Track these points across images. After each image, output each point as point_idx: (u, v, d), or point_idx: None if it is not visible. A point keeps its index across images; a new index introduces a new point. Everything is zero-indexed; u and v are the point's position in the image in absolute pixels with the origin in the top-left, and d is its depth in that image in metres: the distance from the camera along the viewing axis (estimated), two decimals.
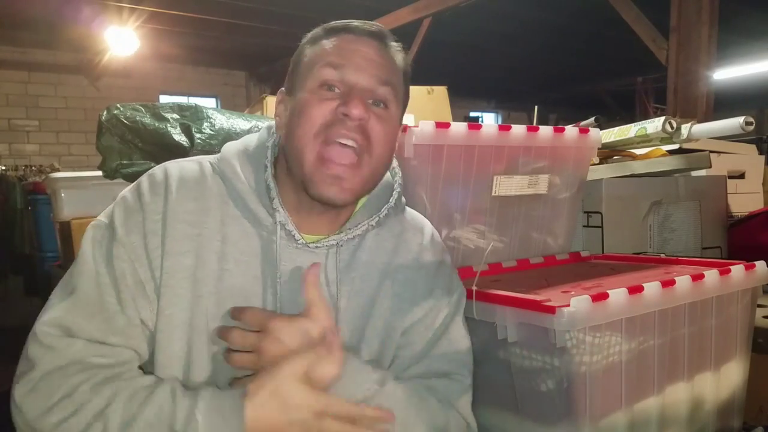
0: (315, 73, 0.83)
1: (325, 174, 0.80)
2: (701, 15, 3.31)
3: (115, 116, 1.62)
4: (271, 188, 0.84)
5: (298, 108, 0.83)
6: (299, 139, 0.81)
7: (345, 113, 0.80)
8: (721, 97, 3.81)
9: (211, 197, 0.84)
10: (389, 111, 0.85)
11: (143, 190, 0.83)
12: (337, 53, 0.83)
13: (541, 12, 5.92)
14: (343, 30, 0.86)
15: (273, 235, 0.85)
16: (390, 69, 0.86)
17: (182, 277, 0.80)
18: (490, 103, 11.61)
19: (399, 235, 0.95)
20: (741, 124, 1.63)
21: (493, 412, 1.06)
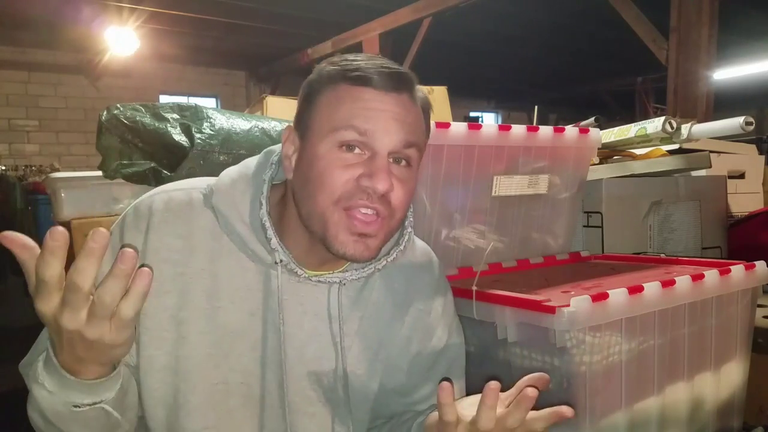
0: (335, 134, 0.76)
1: (351, 234, 0.76)
2: (701, 15, 3.31)
3: (115, 116, 1.62)
4: (266, 228, 0.80)
5: (316, 169, 0.76)
6: (319, 205, 0.76)
7: (369, 186, 0.75)
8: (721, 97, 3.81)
9: (198, 232, 0.81)
10: (411, 169, 0.80)
11: (126, 225, 0.80)
12: (360, 115, 0.75)
13: (541, 12, 5.92)
14: (366, 82, 0.76)
15: (272, 269, 0.82)
16: (416, 128, 0.80)
17: (163, 318, 0.78)
18: (490, 103, 11.61)
19: (409, 277, 0.92)
20: (741, 124, 1.63)
21: None
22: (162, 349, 0.78)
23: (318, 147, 0.77)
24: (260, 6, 5.77)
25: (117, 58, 6.74)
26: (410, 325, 0.91)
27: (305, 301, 0.84)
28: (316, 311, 0.84)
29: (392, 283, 0.90)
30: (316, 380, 0.85)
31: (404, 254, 0.90)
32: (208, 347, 0.79)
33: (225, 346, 0.80)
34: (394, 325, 0.89)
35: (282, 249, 0.80)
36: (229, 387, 0.81)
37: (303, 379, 0.84)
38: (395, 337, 0.90)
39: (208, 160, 1.49)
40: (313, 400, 0.85)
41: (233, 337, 0.80)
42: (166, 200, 0.81)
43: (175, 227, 0.80)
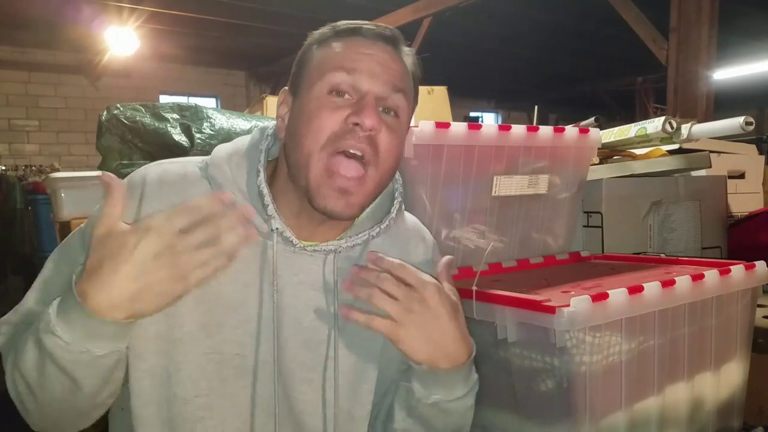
0: (324, 77, 0.78)
1: (332, 187, 0.77)
2: (701, 15, 3.31)
3: (115, 116, 1.62)
4: (264, 194, 0.81)
5: (306, 114, 0.79)
6: (305, 149, 0.78)
7: (357, 123, 0.76)
8: (721, 97, 3.81)
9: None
10: (399, 120, 0.82)
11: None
12: (349, 57, 0.79)
13: (541, 12, 5.92)
14: (355, 32, 0.81)
15: (268, 240, 0.82)
16: (403, 75, 0.82)
17: None
18: (490, 103, 11.61)
19: (403, 247, 0.93)
20: (741, 124, 1.63)
21: (493, 412, 1.06)
22: (154, 316, 0.76)
23: (309, 94, 0.79)
24: (260, 6, 5.77)
25: (117, 58, 6.75)
26: None
27: (300, 272, 0.84)
28: (312, 281, 0.85)
29: (385, 253, 0.90)
30: (313, 348, 0.85)
31: (397, 224, 0.92)
32: (202, 317, 0.79)
33: (219, 317, 0.80)
34: None
35: (278, 216, 0.81)
36: (223, 357, 0.81)
37: (299, 347, 0.85)
38: None
39: None
40: (309, 366, 0.86)
41: (227, 309, 0.80)
42: (161, 172, 0.82)
43: (168, 197, 0.79)
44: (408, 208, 1.00)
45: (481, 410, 1.09)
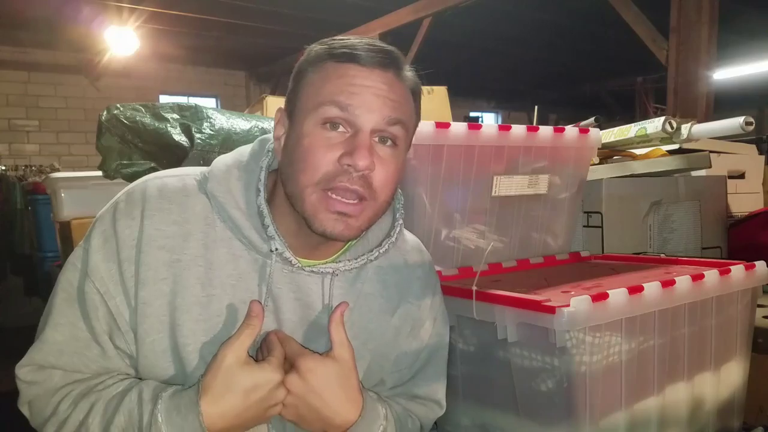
0: (318, 110, 0.76)
1: (330, 211, 0.76)
2: (701, 15, 3.31)
3: (115, 116, 1.62)
4: (264, 215, 0.79)
5: (300, 148, 0.77)
6: (300, 183, 0.77)
7: (349, 164, 0.74)
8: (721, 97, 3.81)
9: (193, 219, 0.80)
10: (397, 149, 0.79)
11: (118, 213, 0.80)
12: (344, 90, 0.75)
13: (541, 12, 5.93)
14: (351, 59, 0.76)
15: (267, 259, 0.82)
16: (401, 104, 0.79)
17: (160, 305, 0.78)
18: (490, 103, 11.62)
19: (401, 269, 0.93)
20: (741, 124, 1.63)
21: (493, 412, 1.06)
22: (163, 332, 0.78)
23: (303, 125, 0.77)
24: (260, 6, 5.77)
25: (117, 58, 6.75)
26: (400, 317, 0.92)
27: (298, 290, 0.84)
28: (309, 301, 0.85)
29: (384, 276, 0.91)
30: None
31: (396, 246, 0.91)
32: (203, 335, 0.79)
33: (220, 335, 0.80)
34: (383, 317, 0.90)
35: (278, 237, 0.80)
36: None
37: None
38: (384, 329, 0.91)
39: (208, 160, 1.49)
40: None
41: (227, 326, 0.80)
42: (160, 186, 0.81)
43: (170, 214, 0.79)
44: (408, 208, 1.00)
45: (481, 410, 1.09)
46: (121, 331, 0.78)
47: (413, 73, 0.83)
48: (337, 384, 0.78)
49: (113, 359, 0.79)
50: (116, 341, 0.79)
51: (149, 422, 0.71)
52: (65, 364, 0.78)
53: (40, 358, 0.78)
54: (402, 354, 0.93)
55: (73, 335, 0.78)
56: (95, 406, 0.74)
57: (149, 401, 0.73)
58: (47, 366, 0.78)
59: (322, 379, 0.77)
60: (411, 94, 0.82)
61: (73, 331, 0.78)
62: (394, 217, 0.91)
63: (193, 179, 0.84)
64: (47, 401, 0.77)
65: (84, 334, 0.78)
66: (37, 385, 0.78)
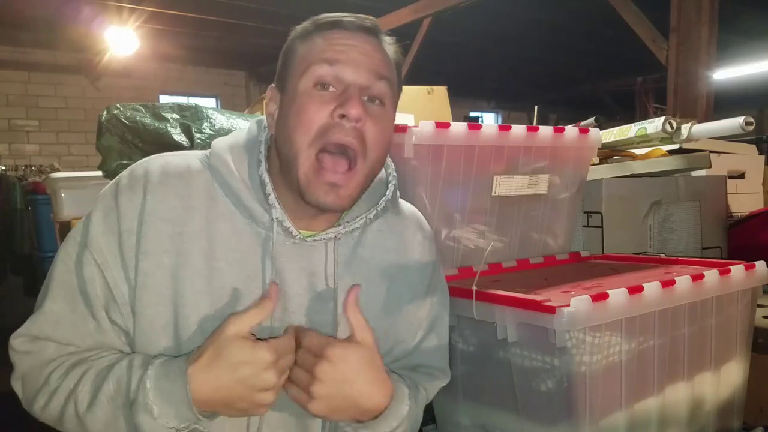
0: (308, 70, 0.80)
1: (321, 182, 0.79)
2: (701, 15, 3.31)
3: (115, 116, 1.62)
4: (266, 184, 0.82)
5: (294, 109, 0.80)
6: (295, 145, 0.79)
7: (343, 114, 0.77)
8: (721, 97, 3.81)
9: (196, 194, 0.82)
10: (385, 108, 0.83)
11: (121, 188, 0.82)
12: (331, 49, 0.80)
13: (541, 12, 5.92)
14: (336, 25, 0.82)
15: (269, 232, 0.83)
16: (385, 63, 0.83)
17: (162, 277, 0.79)
18: (490, 103, 11.61)
19: (401, 233, 0.95)
20: (741, 124, 1.63)
21: (493, 412, 1.06)
22: (163, 305, 0.79)
23: (295, 89, 0.80)
24: (260, 6, 5.77)
25: (117, 58, 6.75)
26: (401, 283, 0.93)
27: (302, 261, 0.85)
28: (313, 269, 0.86)
29: (384, 241, 0.92)
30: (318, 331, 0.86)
31: (394, 210, 0.94)
32: (207, 308, 0.80)
33: (224, 308, 0.80)
34: (384, 281, 0.91)
35: (279, 206, 0.82)
36: None
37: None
38: (385, 294, 0.92)
39: None
40: None
41: (231, 299, 0.81)
42: (163, 162, 0.84)
43: (172, 187, 0.81)
44: None
45: (481, 410, 1.09)
46: (117, 303, 0.79)
47: (394, 45, 0.87)
48: (367, 368, 0.78)
49: (108, 334, 0.80)
50: (112, 315, 0.80)
51: (137, 387, 0.72)
52: (60, 337, 0.79)
53: (36, 328, 0.79)
54: (406, 324, 0.94)
55: (70, 308, 0.79)
56: (86, 375, 0.75)
57: (139, 367, 0.73)
58: (42, 337, 0.79)
59: (353, 364, 0.77)
60: (393, 63, 0.86)
61: (70, 304, 0.79)
62: (387, 179, 0.94)
63: (196, 158, 0.86)
64: (39, 372, 0.78)
65: (81, 307, 0.79)
66: (30, 355, 0.79)
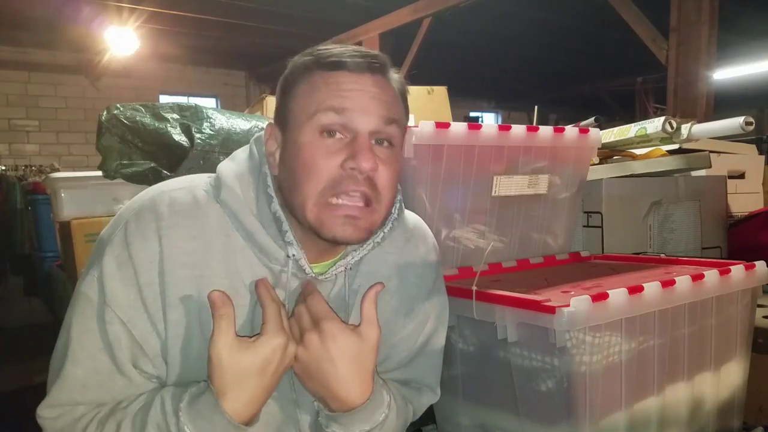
0: (314, 118, 0.76)
1: (336, 216, 0.76)
2: (701, 15, 3.31)
3: (115, 116, 1.62)
4: (282, 221, 0.79)
5: (300, 159, 0.76)
6: (302, 194, 0.76)
7: (353, 167, 0.74)
8: (721, 97, 3.81)
9: (210, 231, 0.78)
10: (394, 149, 0.80)
11: (131, 237, 0.76)
12: (337, 95, 0.75)
13: (541, 12, 5.92)
14: (340, 66, 0.77)
15: (283, 267, 0.81)
16: (394, 105, 0.80)
17: (190, 323, 0.77)
18: (490, 103, 11.61)
19: (402, 247, 0.94)
20: (741, 124, 1.63)
21: (493, 412, 1.06)
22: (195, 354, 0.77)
23: (299, 136, 0.77)
24: (260, 6, 5.77)
25: (117, 58, 6.75)
26: (398, 297, 0.92)
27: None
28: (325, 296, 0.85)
29: (385, 255, 0.91)
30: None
31: (399, 224, 0.91)
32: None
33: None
34: (384, 296, 0.90)
35: (296, 243, 0.79)
36: None
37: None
38: (388, 306, 0.91)
39: (208, 160, 1.49)
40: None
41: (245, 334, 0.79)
42: (170, 202, 0.78)
43: (187, 229, 0.77)
44: (408, 208, 1.00)
45: (481, 410, 1.09)
46: (148, 357, 0.77)
47: (399, 75, 0.83)
48: (354, 359, 0.77)
49: (140, 386, 0.77)
50: (144, 367, 0.77)
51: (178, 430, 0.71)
52: (91, 399, 0.76)
53: (65, 397, 0.76)
54: (401, 338, 0.94)
55: (95, 368, 0.76)
56: (122, 424, 0.73)
57: (172, 415, 0.72)
58: (70, 404, 0.76)
59: (341, 348, 0.76)
60: (401, 95, 0.83)
61: (95, 365, 0.76)
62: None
63: (202, 190, 0.81)
64: (72, 428, 0.75)
65: (107, 366, 0.76)
66: (62, 417, 0.76)
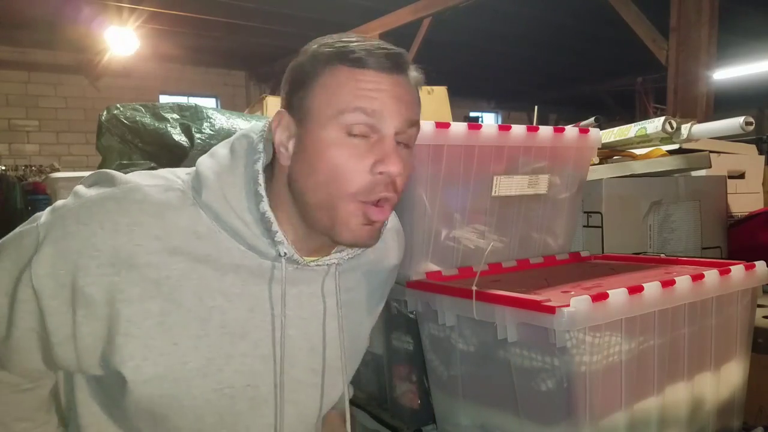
0: (341, 117, 0.73)
1: (363, 224, 0.76)
2: (701, 15, 3.31)
3: (115, 116, 1.62)
4: (271, 222, 0.77)
5: (326, 158, 0.74)
6: (330, 195, 0.75)
7: (382, 171, 0.74)
8: (721, 97, 3.81)
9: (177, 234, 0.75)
10: (411, 151, 0.80)
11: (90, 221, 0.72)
12: (365, 95, 0.74)
13: (541, 12, 5.92)
14: (365, 63, 0.74)
15: (274, 262, 0.80)
16: (416, 105, 0.79)
17: (149, 326, 0.73)
18: (490, 103, 11.61)
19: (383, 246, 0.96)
20: (741, 124, 1.62)
21: (493, 412, 1.06)
22: (149, 358, 0.74)
23: (322, 133, 0.74)
24: (260, 6, 5.77)
25: (117, 58, 6.75)
26: (382, 283, 0.98)
27: (302, 283, 0.84)
28: (313, 290, 0.86)
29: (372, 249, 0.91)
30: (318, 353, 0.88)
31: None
32: (206, 351, 0.76)
33: (226, 348, 0.78)
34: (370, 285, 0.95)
35: (287, 242, 0.78)
36: (235, 391, 0.80)
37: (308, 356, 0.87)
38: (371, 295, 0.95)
39: None
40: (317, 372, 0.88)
41: (233, 337, 0.78)
42: (141, 198, 0.74)
43: (151, 228, 0.73)
44: (408, 208, 1.01)
45: (481, 410, 1.09)
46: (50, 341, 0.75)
47: (417, 70, 0.82)
48: None
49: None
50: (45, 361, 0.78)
51: None
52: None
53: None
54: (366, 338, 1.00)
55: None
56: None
57: None
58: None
59: None
60: (418, 92, 0.82)
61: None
62: None
63: (179, 190, 0.77)
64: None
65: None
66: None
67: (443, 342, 1.10)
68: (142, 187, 0.75)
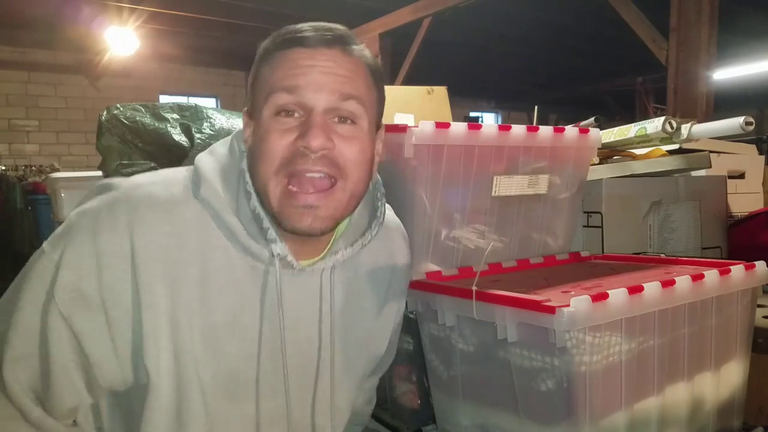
0: (269, 99, 0.75)
1: (295, 206, 0.74)
2: (701, 15, 3.31)
3: (115, 116, 1.62)
4: (262, 218, 0.77)
5: (258, 140, 0.75)
6: (261, 176, 0.75)
7: (305, 146, 0.72)
8: (721, 97, 3.81)
9: (184, 227, 0.76)
10: (358, 126, 0.77)
11: (99, 228, 0.73)
12: (290, 74, 0.74)
13: (541, 12, 5.92)
14: (295, 42, 0.76)
15: (269, 266, 0.80)
16: (354, 79, 0.77)
17: (163, 325, 0.74)
18: (490, 103, 11.61)
19: (391, 247, 0.96)
20: (741, 124, 1.62)
21: (493, 412, 1.06)
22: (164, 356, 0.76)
23: (260, 120, 0.76)
24: (260, 6, 5.77)
25: (117, 58, 6.75)
26: (388, 291, 0.96)
27: (299, 288, 0.84)
28: (309, 294, 0.85)
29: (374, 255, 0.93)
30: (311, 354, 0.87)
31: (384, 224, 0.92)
32: (201, 344, 0.77)
33: (218, 341, 0.78)
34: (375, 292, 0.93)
35: (280, 240, 0.78)
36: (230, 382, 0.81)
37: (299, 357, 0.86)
38: (375, 303, 0.93)
39: None
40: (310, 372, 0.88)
41: (225, 332, 0.79)
42: (145, 196, 0.76)
43: (161, 224, 0.75)
44: (408, 208, 1.01)
45: (481, 410, 1.09)
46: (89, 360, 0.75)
47: (366, 49, 0.81)
48: None
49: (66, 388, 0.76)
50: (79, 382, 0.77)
51: None
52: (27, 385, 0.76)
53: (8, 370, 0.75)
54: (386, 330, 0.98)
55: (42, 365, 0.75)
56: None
57: None
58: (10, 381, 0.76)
59: None
60: (366, 68, 0.80)
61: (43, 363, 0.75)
62: (375, 198, 0.91)
63: (181, 185, 0.79)
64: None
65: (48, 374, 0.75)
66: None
67: (443, 342, 1.10)
68: (145, 185, 0.78)
